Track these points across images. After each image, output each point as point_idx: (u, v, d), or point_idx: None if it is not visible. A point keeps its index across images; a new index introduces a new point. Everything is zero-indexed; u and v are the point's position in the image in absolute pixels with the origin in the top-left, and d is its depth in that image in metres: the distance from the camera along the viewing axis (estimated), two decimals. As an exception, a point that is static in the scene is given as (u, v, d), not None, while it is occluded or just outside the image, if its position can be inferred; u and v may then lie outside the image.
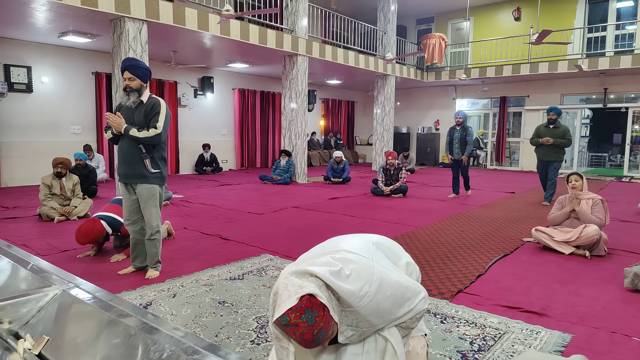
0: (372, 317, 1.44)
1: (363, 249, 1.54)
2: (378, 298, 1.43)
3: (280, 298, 1.32)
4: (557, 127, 6.99)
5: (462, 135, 7.71)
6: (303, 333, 1.26)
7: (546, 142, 6.92)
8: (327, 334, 1.31)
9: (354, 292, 1.38)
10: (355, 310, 1.40)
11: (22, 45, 8.60)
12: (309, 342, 1.28)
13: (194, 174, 11.52)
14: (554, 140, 6.89)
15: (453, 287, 3.27)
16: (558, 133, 6.93)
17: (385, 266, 1.54)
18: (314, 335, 1.26)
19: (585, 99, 13.82)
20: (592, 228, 4.07)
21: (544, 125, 7.20)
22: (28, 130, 8.78)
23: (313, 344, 1.28)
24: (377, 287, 1.43)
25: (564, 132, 6.94)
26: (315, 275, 1.35)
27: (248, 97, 13.05)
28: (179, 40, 8.48)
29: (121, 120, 3.28)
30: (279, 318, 1.28)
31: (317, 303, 1.28)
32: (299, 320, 1.25)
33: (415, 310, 1.57)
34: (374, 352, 1.52)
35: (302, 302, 1.26)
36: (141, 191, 3.35)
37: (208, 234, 4.91)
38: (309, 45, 9.98)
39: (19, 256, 1.37)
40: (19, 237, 4.60)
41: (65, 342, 1.01)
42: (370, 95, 16.38)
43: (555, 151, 7.01)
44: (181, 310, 2.80)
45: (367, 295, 1.41)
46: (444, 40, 14.44)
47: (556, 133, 6.93)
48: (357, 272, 1.42)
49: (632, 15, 12.60)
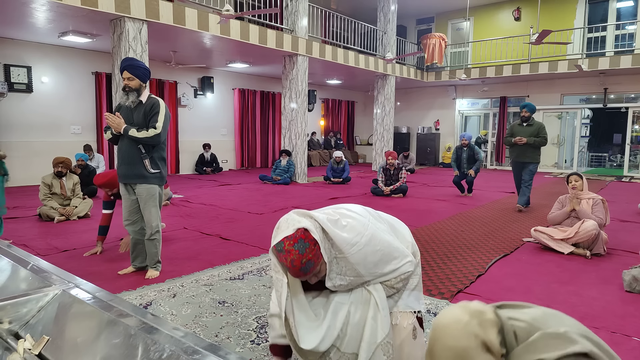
0: (359, 267, 1.54)
1: (362, 211, 1.70)
2: (367, 250, 1.55)
3: (280, 229, 1.49)
4: (531, 124, 6.47)
5: (469, 155, 8.07)
6: (293, 259, 1.40)
7: (519, 141, 6.35)
8: (315, 267, 1.44)
9: (346, 239, 1.52)
10: (345, 257, 1.52)
11: (22, 45, 8.60)
12: (297, 269, 1.41)
13: (194, 174, 11.52)
14: (528, 139, 6.34)
15: (453, 287, 3.27)
16: (532, 131, 6.40)
17: (379, 227, 1.67)
18: (302, 264, 1.40)
19: (585, 99, 13.82)
20: (589, 223, 4.07)
21: (517, 123, 6.67)
22: (28, 130, 8.78)
23: (301, 272, 1.42)
24: (367, 240, 1.56)
25: (539, 129, 6.41)
26: (314, 218, 1.50)
27: (248, 97, 13.05)
28: (179, 40, 8.48)
29: (120, 120, 3.28)
30: (276, 245, 1.45)
31: (310, 237, 1.43)
32: (292, 247, 1.40)
33: (401, 270, 1.65)
34: (358, 303, 1.62)
35: (297, 233, 1.43)
36: (141, 191, 3.35)
37: (208, 234, 4.91)
38: (309, 45, 9.98)
39: (19, 256, 1.37)
40: (19, 237, 4.60)
41: (65, 342, 1.01)
42: (370, 95, 16.38)
43: (530, 151, 6.45)
44: (181, 310, 2.80)
45: (357, 244, 1.53)
46: (444, 40, 14.44)
47: (530, 131, 6.41)
48: (352, 225, 1.58)
49: (632, 15, 12.60)
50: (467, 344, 1.08)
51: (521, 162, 6.52)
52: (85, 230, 5.01)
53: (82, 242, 4.48)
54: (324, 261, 1.48)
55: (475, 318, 1.10)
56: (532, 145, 6.38)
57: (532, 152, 6.43)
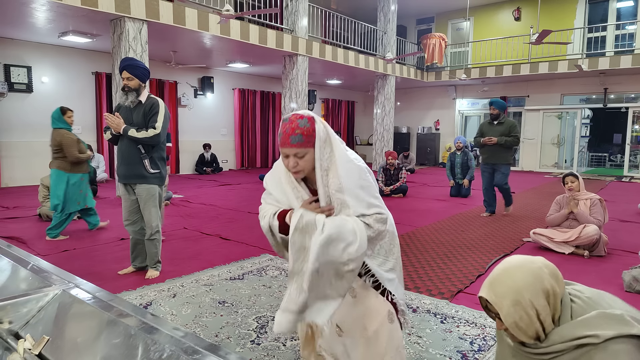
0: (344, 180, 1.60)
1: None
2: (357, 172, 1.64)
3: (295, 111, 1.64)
4: (502, 122, 5.95)
5: (463, 160, 8.01)
6: (291, 127, 1.55)
7: (488, 141, 5.86)
8: (303, 146, 1.55)
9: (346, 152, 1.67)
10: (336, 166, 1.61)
11: (22, 45, 8.60)
12: (288, 135, 1.55)
13: (194, 174, 11.52)
14: (498, 139, 5.83)
15: (453, 287, 3.27)
16: (503, 130, 5.89)
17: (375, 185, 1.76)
18: (296, 133, 1.54)
19: (585, 99, 13.82)
20: (591, 228, 4.07)
21: (487, 122, 6.16)
22: (28, 130, 8.78)
23: (289, 139, 1.55)
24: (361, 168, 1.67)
25: (510, 128, 5.89)
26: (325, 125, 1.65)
27: (248, 97, 13.05)
28: (179, 40, 8.48)
29: (120, 120, 3.28)
30: (286, 115, 1.61)
31: (313, 125, 1.57)
32: (296, 120, 1.56)
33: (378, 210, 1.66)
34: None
35: (306, 115, 1.59)
36: (140, 191, 3.35)
37: (208, 234, 4.91)
38: (309, 45, 9.98)
39: (19, 256, 1.37)
40: (19, 237, 4.60)
41: (65, 342, 1.01)
42: (370, 95, 16.37)
43: (501, 152, 5.93)
44: (181, 310, 2.80)
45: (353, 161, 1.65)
46: (444, 40, 14.44)
47: (501, 130, 5.90)
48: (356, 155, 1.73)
49: (632, 15, 12.60)
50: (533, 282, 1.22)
51: (491, 164, 6.02)
52: (85, 230, 5.01)
53: (82, 242, 4.48)
54: (313, 154, 1.58)
55: (547, 268, 1.25)
56: (503, 146, 5.87)
57: (503, 153, 5.95)
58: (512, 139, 5.85)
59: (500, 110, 5.98)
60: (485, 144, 5.93)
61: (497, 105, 5.97)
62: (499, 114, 5.98)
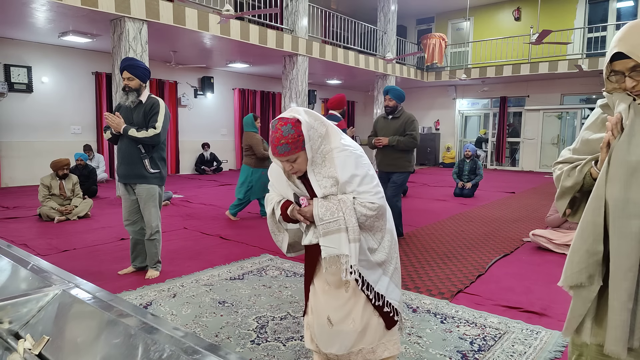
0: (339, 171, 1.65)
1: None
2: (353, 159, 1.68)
3: (283, 114, 1.67)
4: (397, 117, 4.59)
5: (471, 168, 8.11)
6: (276, 137, 1.59)
7: (378, 143, 4.58)
8: (291, 153, 1.60)
9: (344, 140, 1.73)
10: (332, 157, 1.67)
11: (22, 45, 8.60)
12: (274, 146, 1.60)
13: (194, 174, 11.53)
14: (390, 139, 4.49)
15: (453, 287, 3.27)
16: (398, 127, 4.55)
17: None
18: (280, 144, 1.58)
19: (585, 99, 13.81)
20: None
21: (382, 116, 4.80)
22: (28, 130, 8.78)
23: (277, 150, 1.60)
24: (359, 153, 1.72)
25: (406, 124, 4.52)
26: (321, 120, 1.71)
27: (248, 97, 13.04)
28: (179, 40, 8.48)
29: (120, 120, 3.28)
30: (274, 120, 1.63)
31: (299, 128, 1.59)
32: (280, 127, 1.59)
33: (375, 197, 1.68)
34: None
35: (290, 119, 1.61)
36: (140, 191, 3.35)
37: (208, 234, 4.91)
38: (309, 45, 9.98)
39: (19, 256, 1.36)
40: (19, 237, 4.60)
41: (65, 342, 1.01)
42: (370, 95, 16.37)
43: (395, 156, 4.55)
44: (181, 310, 2.80)
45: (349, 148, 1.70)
46: (444, 40, 14.44)
47: (396, 127, 4.56)
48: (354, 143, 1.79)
49: (632, 15, 12.59)
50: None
51: (385, 172, 4.66)
52: (85, 231, 5.01)
53: (82, 242, 4.48)
54: (305, 155, 1.63)
55: None
56: (396, 148, 4.53)
57: (398, 158, 4.57)
58: (407, 138, 4.48)
59: (397, 101, 4.56)
60: (376, 146, 4.64)
61: (393, 94, 4.55)
62: (395, 106, 4.57)
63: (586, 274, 1.27)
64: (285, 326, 2.59)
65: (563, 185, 1.40)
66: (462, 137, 15.99)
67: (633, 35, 1.25)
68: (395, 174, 4.58)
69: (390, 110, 4.57)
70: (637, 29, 1.25)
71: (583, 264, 1.27)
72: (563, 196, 1.43)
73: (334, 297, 1.81)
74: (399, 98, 4.55)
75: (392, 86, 4.59)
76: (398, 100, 4.55)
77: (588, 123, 1.45)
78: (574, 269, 1.29)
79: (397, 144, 4.48)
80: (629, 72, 1.26)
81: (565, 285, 1.32)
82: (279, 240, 1.91)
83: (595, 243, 1.24)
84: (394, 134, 4.53)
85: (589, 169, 1.34)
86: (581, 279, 1.28)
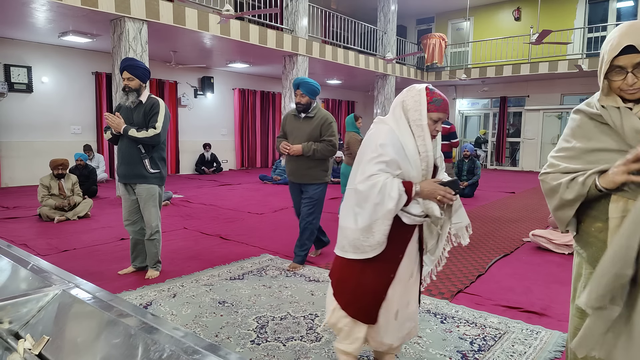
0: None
1: None
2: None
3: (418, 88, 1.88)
4: (311, 117, 3.68)
5: (469, 167, 8.13)
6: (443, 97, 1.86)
7: (284, 150, 3.65)
8: None
9: None
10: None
11: (22, 45, 8.60)
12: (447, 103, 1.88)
13: (194, 174, 11.53)
14: (304, 148, 3.56)
15: (453, 287, 3.27)
16: (312, 129, 3.63)
17: None
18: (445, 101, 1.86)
19: (585, 99, 13.78)
20: None
21: (292, 114, 3.84)
22: (28, 130, 8.78)
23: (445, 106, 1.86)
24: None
25: (322, 128, 3.63)
26: None
27: (248, 97, 13.05)
28: (179, 40, 8.48)
29: (120, 120, 3.28)
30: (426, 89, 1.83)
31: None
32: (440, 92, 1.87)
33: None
34: None
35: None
36: (140, 191, 3.35)
37: (208, 234, 4.91)
38: (309, 45, 9.98)
39: (19, 256, 1.36)
40: (19, 237, 4.60)
41: (65, 342, 1.01)
42: (370, 95, 16.37)
43: (310, 165, 3.63)
44: (181, 310, 2.80)
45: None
46: (444, 40, 14.44)
47: (309, 129, 3.64)
48: None
49: (632, 15, 12.59)
50: None
51: (297, 183, 3.78)
52: (85, 231, 5.01)
53: (82, 242, 4.48)
54: None
55: None
56: (311, 157, 3.60)
57: (312, 167, 3.64)
58: (324, 146, 3.56)
59: (310, 96, 3.66)
60: (282, 152, 3.70)
61: (305, 89, 3.62)
62: (309, 103, 3.68)
63: (610, 296, 1.27)
64: (285, 326, 2.59)
65: (564, 198, 1.40)
66: (462, 137, 15.99)
67: (639, 30, 1.24)
68: (310, 186, 3.68)
69: (303, 107, 3.68)
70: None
71: (609, 286, 1.26)
72: (563, 208, 1.42)
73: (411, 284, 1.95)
74: (312, 93, 3.66)
75: (303, 78, 3.70)
76: (311, 96, 3.66)
77: (571, 131, 1.44)
78: (599, 291, 1.28)
79: (313, 154, 3.57)
80: (632, 67, 1.25)
81: (588, 307, 1.31)
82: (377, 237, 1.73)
83: (625, 267, 1.24)
84: (308, 137, 3.63)
85: (593, 182, 1.33)
86: (605, 301, 1.27)
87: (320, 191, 3.71)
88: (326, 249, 4.28)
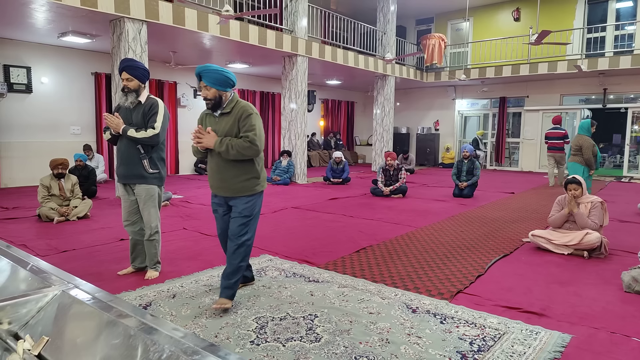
0: None
1: None
2: None
3: None
4: (227, 112, 2.86)
5: (469, 168, 8.14)
6: None
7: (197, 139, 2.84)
8: None
9: None
10: None
11: (21, 46, 8.59)
12: None
13: (193, 175, 11.52)
14: (216, 144, 2.78)
15: (453, 288, 3.27)
16: (230, 127, 2.84)
17: None
18: None
19: (584, 99, 13.82)
20: (593, 236, 4.06)
21: (205, 112, 3.01)
22: (28, 131, 8.77)
23: None
24: None
25: (240, 122, 2.82)
26: None
27: (248, 97, 13.04)
28: (179, 40, 8.48)
29: (119, 121, 3.28)
30: None
31: None
32: None
33: None
34: None
35: None
36: (140, 192, 3.35)
37: (208, 234, 4.91)
38: (309, 46, 9.98)
39: (18, 257, 1.36)
40: (19, 238, 4.60)
41: (64, 342, 1.01)
42: (370, 95, 16.38)
43: (234, 172, 2.85)
44: (181, 311, 2.80)
45: None
46: (443, 40, 14.45)
47: (227, 127, 2.85)
48: None
49: (631, 15, 12.61)
50: None
51: (222, 196, 2.94)
52: (84, 231, 5.01)
53: (81, 243, 4.48)
54: None
55: None
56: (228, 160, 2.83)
57: (237, 175, 2.85)
58: (241, 142, 2.75)
59: (220, 88, 2.81)
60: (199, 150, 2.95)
61: (209, 80, 2.79)
62: (218, 97, 2.83)
63: None
64: (285, 327, 2.59)
65: None
66: (462, 137, 16.00)
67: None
68: (238, 199, 2.87)
69: (211, 103, 2.84)
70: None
71: None
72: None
73: None
74: (220, 83, 2.80)
75: (206, 66, 2.83)
76: (219, 87, 2.80)
77: None
78: None
79: (227, 152, 2.75)
80: None
81: None
82: None
83: None
84: (223, 136, 2.83)
85: None
86: None
87: (252, 204, 2.89)
88: (328, 248, 4.28)
